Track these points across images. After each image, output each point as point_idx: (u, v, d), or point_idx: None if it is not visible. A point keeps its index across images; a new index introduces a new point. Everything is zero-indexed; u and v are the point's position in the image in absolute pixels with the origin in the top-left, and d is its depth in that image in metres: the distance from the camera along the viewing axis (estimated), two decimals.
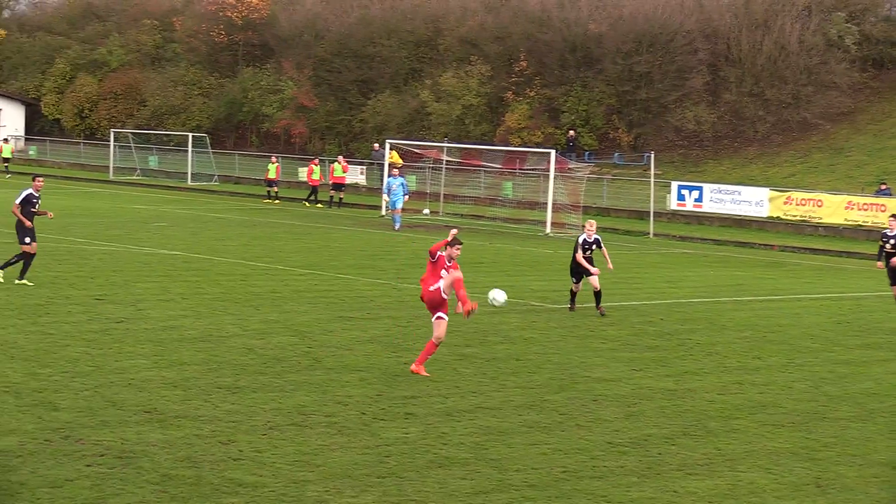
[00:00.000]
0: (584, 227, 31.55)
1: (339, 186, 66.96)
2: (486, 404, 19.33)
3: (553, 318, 29.17)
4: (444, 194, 65.47)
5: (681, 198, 64.46)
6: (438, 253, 21.18)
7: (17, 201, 30.30)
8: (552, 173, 58.10)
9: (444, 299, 21.11)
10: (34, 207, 30.31)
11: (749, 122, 74.56)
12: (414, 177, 66.83)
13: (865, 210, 58.79)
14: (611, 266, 31.04)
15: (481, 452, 16.37)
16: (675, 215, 63.57)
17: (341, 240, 47.38)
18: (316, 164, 68.92)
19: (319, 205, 66.74)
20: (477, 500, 14.27)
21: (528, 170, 66.25)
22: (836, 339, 28.00)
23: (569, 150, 72.77)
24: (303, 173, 78.72)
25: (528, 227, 58.03)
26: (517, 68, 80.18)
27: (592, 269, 30.12)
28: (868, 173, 65.67)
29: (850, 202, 59.66)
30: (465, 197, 67.58)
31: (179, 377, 20.10)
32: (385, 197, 57.49)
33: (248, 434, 16.69)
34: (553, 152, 60.10)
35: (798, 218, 60.10)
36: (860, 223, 58.45)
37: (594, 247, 30.69)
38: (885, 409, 20.39)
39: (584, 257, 30.40)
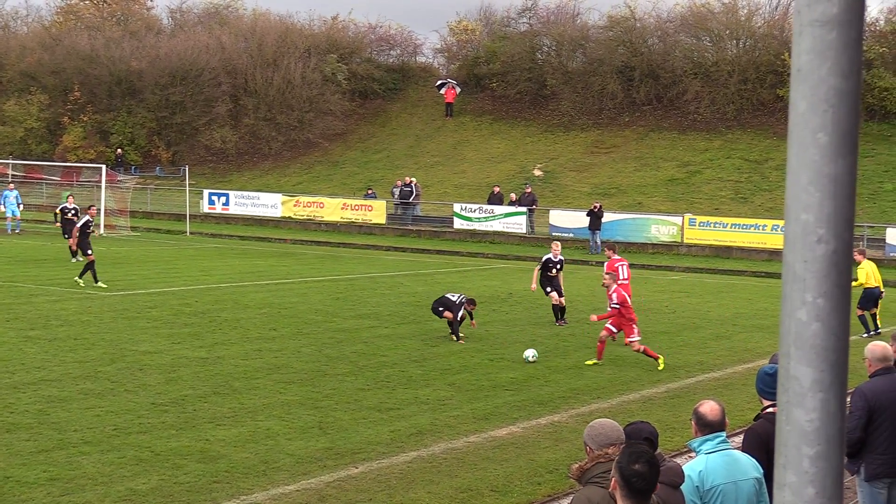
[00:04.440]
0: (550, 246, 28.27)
1: None
2: (48, 377, 18.54)
3: (106, 303, 28.26)
4: None
5: (211, 202, 63.85)
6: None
7: (78, 225, 33.63)
8: (104, 184, 56.42)
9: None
10: (89, 229, 33.31)
11: (264, 142, 74.83)
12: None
13: (357, 210, 60.12)
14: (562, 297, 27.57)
15: (44, 417, 15.70)
16: (208, 217, 62.90)
17: None
18: None
19: None
20: (40, 457, 13.66)
21: (83, 181, 64.11)
22: (335, 311, 28.36)
23: (118, 165, 70.87)
24: None
25: None
26: (72, 97, 77.37)
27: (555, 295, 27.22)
28: (358, 181, 67.16)
29: (345, 204, 60.77)
30: (30, 205, 64.73)
31: None
32: (1, 207, 54.25)
33: None
34: (104, 167, 58.38)
35: (305, 217, 60.71)
36: (353, 220, 59.72)
37: (558, 266, 27.51)
38: (371, 365, 20.89)
39: (547, 275, 27.34)
